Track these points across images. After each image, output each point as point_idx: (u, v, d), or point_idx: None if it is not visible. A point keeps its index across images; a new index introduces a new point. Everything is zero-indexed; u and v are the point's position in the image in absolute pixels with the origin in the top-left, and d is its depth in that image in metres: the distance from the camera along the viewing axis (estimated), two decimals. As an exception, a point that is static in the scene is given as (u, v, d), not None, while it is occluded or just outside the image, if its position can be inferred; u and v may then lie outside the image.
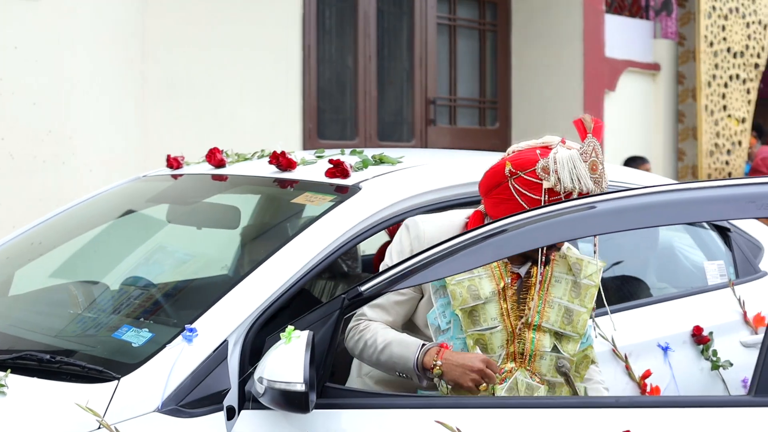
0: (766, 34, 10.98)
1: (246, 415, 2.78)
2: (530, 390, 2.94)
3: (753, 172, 9.53)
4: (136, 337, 2.95)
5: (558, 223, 2.72)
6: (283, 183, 3.69)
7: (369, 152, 3.80)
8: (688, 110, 10.87)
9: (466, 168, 3.58)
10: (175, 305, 3.57)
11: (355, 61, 8.48)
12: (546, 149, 2.98)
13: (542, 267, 3.00)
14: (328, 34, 8.33)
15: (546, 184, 2.91)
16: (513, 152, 3.05)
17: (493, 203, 3.06)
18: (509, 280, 2.98)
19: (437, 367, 2.83)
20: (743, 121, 10.12)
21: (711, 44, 10.64)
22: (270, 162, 3.69)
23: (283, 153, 3.69)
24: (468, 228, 3.06)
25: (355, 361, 3.26)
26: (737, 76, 10.31)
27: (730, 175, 9.49)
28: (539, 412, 2.66)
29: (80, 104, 6.24)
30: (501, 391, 2.89)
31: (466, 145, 9.28)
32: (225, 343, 2.86)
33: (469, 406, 2.68)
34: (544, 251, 2.97)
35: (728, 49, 10.70)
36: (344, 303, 2.79)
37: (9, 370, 2.77)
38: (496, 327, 2.94)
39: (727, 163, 9.68)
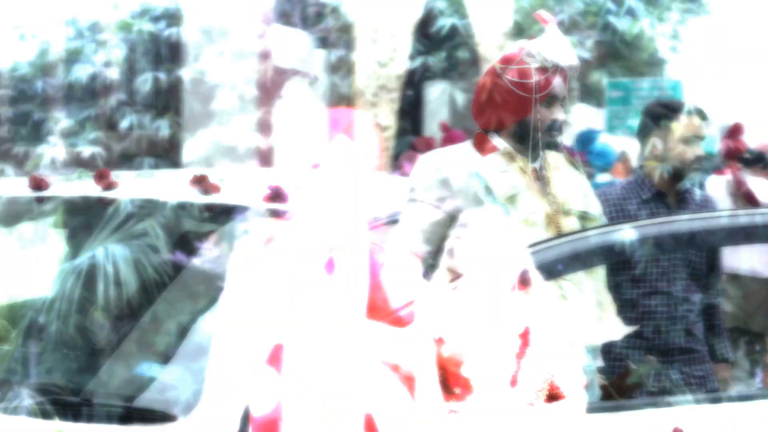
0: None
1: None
2: None
3: None
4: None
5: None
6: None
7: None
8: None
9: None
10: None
11: None
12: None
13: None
14: None
15: (534, 65, 3.31)
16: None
17: (492, 111, 3.38)
18: (530, 171, 3.39)
19: None
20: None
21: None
22: (190, 185, 3.70)
23: (204, 177, 3.72)
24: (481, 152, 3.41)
25: None
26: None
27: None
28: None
29: None
30: None
31: None
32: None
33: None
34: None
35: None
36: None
37: (56, 417, 2.66)
38: (536, 211, 3.32)
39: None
